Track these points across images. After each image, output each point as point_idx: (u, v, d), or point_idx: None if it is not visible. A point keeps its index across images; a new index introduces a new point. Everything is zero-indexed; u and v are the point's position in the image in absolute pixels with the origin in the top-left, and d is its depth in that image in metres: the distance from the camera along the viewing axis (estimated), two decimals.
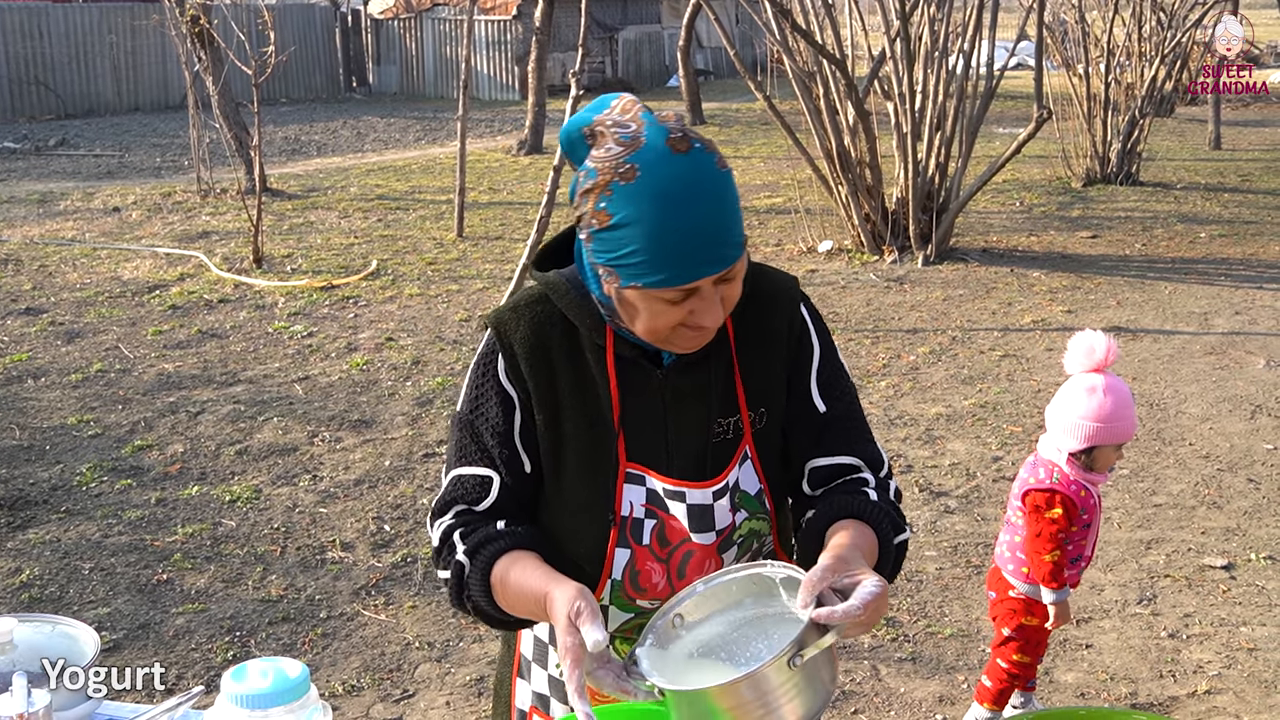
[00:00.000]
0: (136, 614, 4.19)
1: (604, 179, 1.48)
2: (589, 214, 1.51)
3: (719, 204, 1.48)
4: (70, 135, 17.72)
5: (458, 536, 1.67)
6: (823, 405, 1.72)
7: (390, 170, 14.60)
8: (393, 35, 25.86)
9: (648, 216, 1.45)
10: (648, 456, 1.67)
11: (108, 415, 6.16)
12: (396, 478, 5.40)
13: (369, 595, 4.36)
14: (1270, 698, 3.71)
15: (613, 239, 1.49)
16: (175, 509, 5.06)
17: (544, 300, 1.68)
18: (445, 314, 8.11)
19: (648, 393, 1.66)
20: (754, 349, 1.71)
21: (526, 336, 1.66)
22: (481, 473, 1.68)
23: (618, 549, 1.66)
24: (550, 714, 1.79)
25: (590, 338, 1.65)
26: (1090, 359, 3.21)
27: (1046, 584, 3.25)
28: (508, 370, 1.66)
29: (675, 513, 1.67)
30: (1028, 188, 13.23)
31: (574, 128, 1.56)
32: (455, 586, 1.66)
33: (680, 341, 1.58)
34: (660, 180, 1.45)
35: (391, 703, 3.71)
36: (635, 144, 1.47)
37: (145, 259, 9.66)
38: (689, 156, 1.47)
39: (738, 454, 1.69)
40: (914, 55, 9.66)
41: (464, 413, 1.70)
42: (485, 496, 1.69)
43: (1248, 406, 6.34)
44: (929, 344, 7.49)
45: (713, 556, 1.69)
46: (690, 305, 1.52)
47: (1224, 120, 16.84)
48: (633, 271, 1.49)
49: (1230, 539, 4.81)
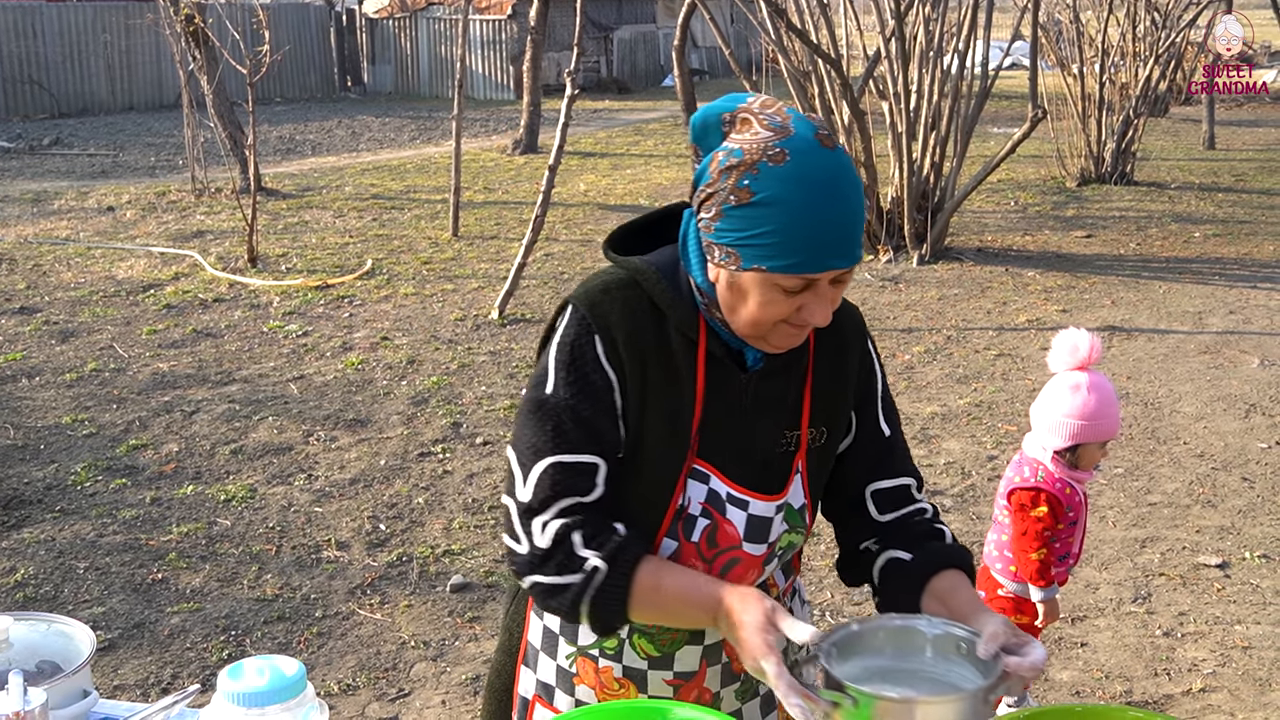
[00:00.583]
0: (131, 613, 4.19)
1: (751, 158, 1.50)
2: (727, 190, 1.51)
3: (855, 203, 1.52)
4: (64, 134, 17.68)
5: (579, 540, 1.59)
6: (887, 430, 1.79)
7: (385, 170, 14.59)
8: (388, 34, 25.84)
9: (793, 200, 1.48)
10: (716, 457, 1.67)
11: (102, 414, 6.15)
12: (392, 477, 5.39)
13: (364, 594, 4.36)
14: (1265, 695, 3.72)
15: (749, 216, 1.50)
16: (170, 508, 5.06)
17: (633, 285, 1.65)
18: (440, 313, 8.11)
19: (730, 394, 1.67)
20: (828, 369, 1.74)
21: (623, 320, 1.62)
22: (586, 460, 1.61)
23: (666, 539, 1.67)
24: (554, 705, 1.79)
25: (681, 329, 1.64)
26: (1074, 357, 3.22)
27: (1034, 582, 3.26)
28: (606, 352, 1.61)
29: (733, 519, 1.67)
30: (1022, 187, 13.24)
31: (711, 112, 1.57)
32: (577, 592, 1.58)
33: (777, 338, 1.59)
34: (809, 168, 1.48)
35: (387, 702, 3.71)
36: (785, 132, 1.50)
37: (140, 258, 9.64)
38: (835, 153, 1.51)
39: (794, 469, 1.72)
40: (909, 55, 9.68)
41: (559, 397, 1.61)
42: (593, 487, 1.62)
43: (1242, 405, 6.36)
44: (924, 343, 7.50)
45: (756, 567, 1.72)
46: (802, 300, 1.54)
47: (1218, 120, 16.87)
48: (761, 253, 1.51)
49: (1225, 537, 4.82)
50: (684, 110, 19.49)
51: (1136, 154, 13.70)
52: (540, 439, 1.61)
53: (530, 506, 1.61)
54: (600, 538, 1.60)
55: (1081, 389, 3.18)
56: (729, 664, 1.81)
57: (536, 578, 1.61)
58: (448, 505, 5.11)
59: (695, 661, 1.78)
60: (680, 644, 1.77)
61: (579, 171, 14.32)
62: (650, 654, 1.77)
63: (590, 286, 1.67)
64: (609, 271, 1.70)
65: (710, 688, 1.79)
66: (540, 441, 1.61)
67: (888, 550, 1.76)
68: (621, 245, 1.72)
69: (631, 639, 1.77)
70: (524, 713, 1.85)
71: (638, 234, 1.74)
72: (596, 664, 1.76)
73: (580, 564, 1.58)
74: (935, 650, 1.55)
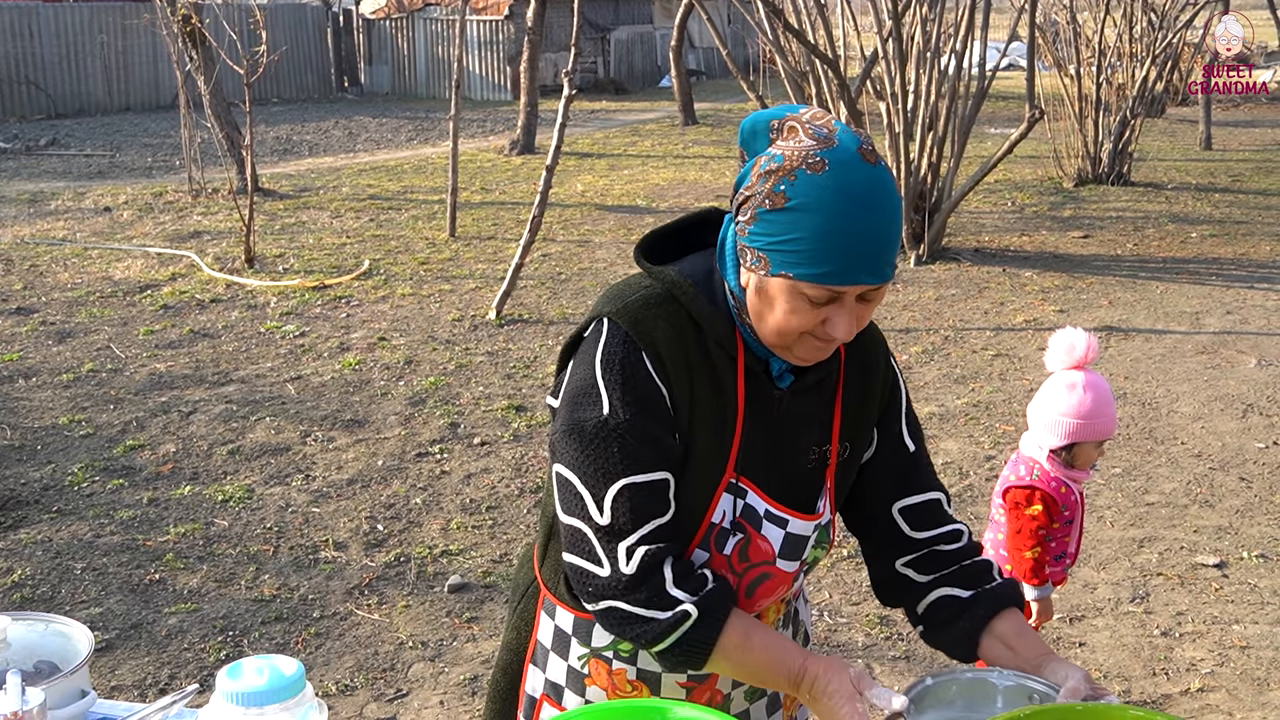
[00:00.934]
0: (129, 614, 4.18)
1: (791, 165, 1.50)
2: (763, 194, 1.51)
3: (891, 220, 1.51)
4: (61, 135, 17.66)
5: (670, 575, 1.57)
6: (912, 445, 1.80)
7: (382, 170, 14.59)
8: (385, 35, 25.83)
9: (827, 209, 1.47)
10: (754, 472, 1.67)
11: (99, 415, 6.14)
12: (389, 477, 5.39)
13: (362, 595, 4.35)
14: (1263, 695, 3.73)
15: (781, 222, 1.50)
16: (167, 509, 5.05)
17: (671, 300, 1.64)
18: (438, 314, 8.10)
19: (766, 409, 1.67)
20: (857, 384, 1.75)
21: (668, 337, 1.61)
22: (658, 477, 1.59)
23: (698, 549, 1.66)
24: (563, 704, 1.79)
25: (720, 344, 1.63)
26: (1070, 356, 3.22)
27: (1027, 580, 3.26)
28: (656, 369, 1.60)
29: (768, 535, 1.67)
30: (1020, 188, 13.25)
31: (760, 119, 1.58)
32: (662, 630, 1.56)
33: (802, 350, 1.59)
34: (847, 180, 1.48)
35: (385, 702, 3.71)
36: (829, 142, 1.50)
37: (137, 259, 9.63)
38: (876, 168, 1.50)
39: (825, 484, 1.73)
40: (906, 55, 9.68)
41: (619, 417, 1.58)
42: (668, 505, 1.61)
43: (1239, 405, 6.36)
44: (921, 343, 7.50)
45: (787, 583, 1.73)
46: (828, 313, 1.53)
47: (1215, 121, 16.88)
48: (790, 259, 1.50)
49: (1222, 537, 4.83)
50: (681, 111, 19.58)
51: (1133, 154, 13.71)
52: (609, 462, 1.58)
53: (612, 530, 1.58)
54: (692, 580, 1.58)
55: (1077, 388, 3.19)
56: None
57: (619, 604, 1.58)
58: (445, 506, 5.11)
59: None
60: None
61: (576, 172, 14.32)
62: None
63: (629, 302, 1.64)
64: (642, 284, 1.67)
65: (722, 690, 1.79)
66: (609, 464, 1.58)
67: (941, 587, 1.76)
68: (652, 251, 1.71)
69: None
70: (530, 711, 1.84)
71: (668, 239, 1.73)
72: (610, 666, 1.75)
73: (671, 603, 1.56)
74: (1007, 702, 1.58)
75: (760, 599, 1.72)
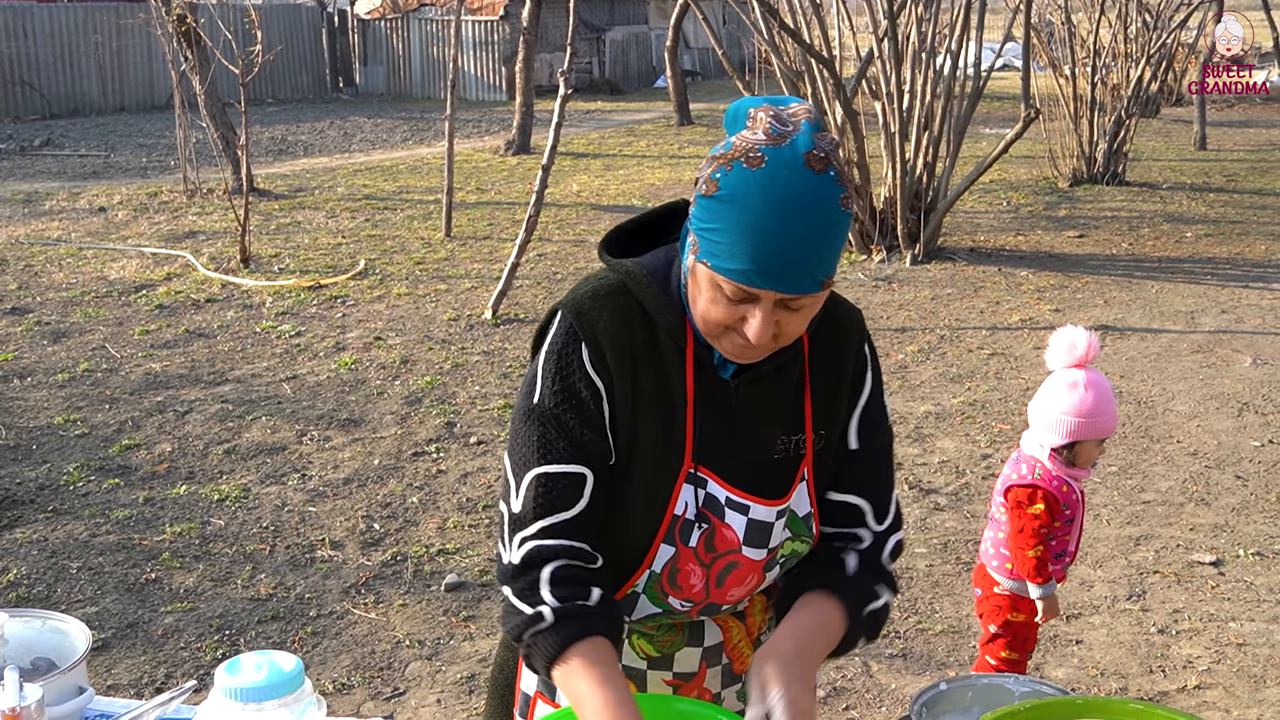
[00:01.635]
0: (125, 613, 4.17)
1: (733, 155, 1.48)
2: (703, 179, 1.51)
3: (817, 231, 1.45)
4: (55, 135, 17.63)
5: (546, 576, 1.58)
6: (855, 443, 1.73)
7: (378, 170, 14.57)
8: (379, 36, 25.81)
9: (749, 206, 1.44)
10: (713, 461, 1.65)
11: (95, 415, 6.13)
12: (386, 476, 5.38)
13: (359, 594, 4.35)
14: (1259, 692, 3.73)
15: (709, 209, 1.49)
16: (163, 508, 5.04)
17: (623, 291, 1.64)
18: (433, 313, 8.09)
19: (719, 400, 1.65)
20: (825, 370, 1.70)
21: (611, 328, 1.61)
22: (572, 470, 1.60)
23: (663, 544, 1.65)
24: (556, 701, 1.78)
25: (670, 335, 1.62)
26: (1071, 355, 3.22)
27: (1031, 579, 3.26)
28: (593, 360, 1.60)
29: (732, 523, 1.66)
30: (1015, 188, 13.26)
31: (744, 105, 1.55)
32: (522, 625, 1.58)
33: (727, 344, 1.56)
34: (777, 182, 1.43)
35: (382, 701, 3.70)
36: (779, 140, 1.46)
37: (132, 259, 9.61)
38: (817, 178, 1.44)
39: (798, 475, 1.69)
40: (902, 54, 9.69)
41: (546, 405, 1.61)
42: (577, 499, 1.60)
43: (1235, 404, 6.37)
44: (917, 342, 7.50)
45: (757, 572, 1.70)
46: (744, 311, 1.50)
47: (1209, 121, 16.91)
48: (710, 249, 1.49)
49: (1219, 535, 4.83)
50: (676, 111, 19.57)
51: (1128, 154, 13.73)
52: (529, 449, 1.62)
53: (518, 518, 1.62)
54: (569, 587, 1.57)
55: (1079, 386, 3.18)
56: (730, 665, 1.80)
57: (506, 590, 1.63)
58: (442, 505, 5.10)
59: (695, 663, 1.78)
60: (680, 645, 1.77)
61: (572, 172, 14.32)
62: (650, 654, 1.77)
63: (579, 293, 1.66)
64: (600, 276, 1.68)
65: (710, 688, 1.78)
66: (529, 452, 1.62)
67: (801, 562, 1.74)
68: (618, 245, 1.70)
69: (631, 639, 1.76)
70: (525, 709, 1.84)
71: (635, 233, 1.72)
72: None
73: (536, 601, 1.57)
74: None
75: (731, 588, 1.70)
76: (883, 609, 1.70)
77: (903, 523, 1.78)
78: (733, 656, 1.80)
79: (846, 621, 1.64)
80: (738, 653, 1.80)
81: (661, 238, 1.71)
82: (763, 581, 1.73)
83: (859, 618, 1.65)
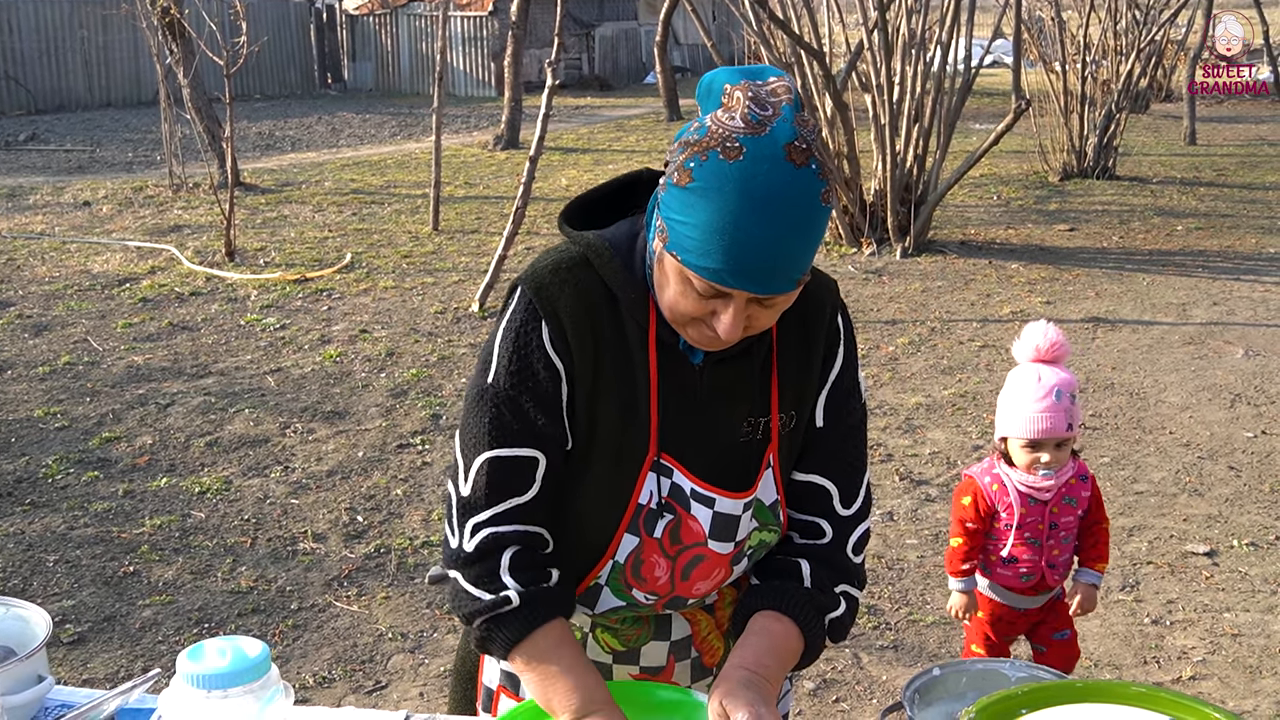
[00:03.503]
0: (102, 606, 4.09)
1: (708, 143, 1.37)
2: (675, 166, 1.41)
3: (797, 231, 1.36)
4: (40, 131, 17.50)
5: (506, 562, 1.53)
6: (821, 421, 1.63)
7: (365, 165, 14.48)
8: (368, 31, 25.70)
9: (725, 202, 1.35)
10: (678, 450, 1.57)
11: (75, 407, 6.04)
12: (370, 469, 5.31)
13: (341, 586, 4.27)
14: (1255, 683, 3.68)
15: (682, 200, 1.39)
16: (143, 501, 4.96)
17: (585, 265, 1.55)
18: (420, 306, 8.02)
19: (683, 382, 1.56)
20: (794, 348, 1.61)
21: (572, 305, 1.52)
22: (525, 454, 1.53)
23: (626, 534, 1.58)
24: (520, 695, 1.72)
25: (632, 313, 1.54)
26: (1029, 349, 3.10)
27: (948, 569, 3.18)
28: (553, 339, 1.52)
29: (698, 515, 1.58)
30: (1005, 182, 13.22)
31: (718, 79, 1.43)
32: (481, 609, 1.53)
33: (694, 334, 1.48)
34: (755, 177, 1.33)
35: (364, 694, 3.63)
36: (759, 128, 1.35)
37: (115, 253, 9.52)
38: (798, 172, 1.34)
39: (764, 461, 1.60)
40: (892, 47, 9.63)
41: (501, 386, 1.53)
42: (530, 484, 1.54)
43: (1227, 395, 6.32)
44: (908, 335, 7.45)
45: (724, 565, 1.63)
46: (715, 305, 1.42)
47: (1199, 117, 16.90)
48: (681, 242, 1.40)
49: (1212, 526, 4.78)
50: (666, 106, 19.50)
51: (1118, 149, 13.71)
52: (480, 430, 1.55)
53: (469, 504, 1.55)
54: (529, 572, 1.54)
55: (1021, 381, 3.06)
56: (699, 658, 1.74)
57: (456, 575, 1.58)
58: (426, 497, 5.03)
59: (662, 657, 1.71)
60: (646, 639, 1.70)
61: (561, 167, 14.24)
62: (615, 648, 1.71)
63: (539, 267, 1.57)
64: (561, 249, 1.59)
65: (679, 682, 1.72)
66: (480, 433, 1.55)
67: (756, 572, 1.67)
68: (579, 217, 1.61)
69: (595, 633, 1.70)
70: (489, 702, 1.78)
71: (597, 206, 1.63)
72: None
73: (499, 587, 1.53)
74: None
75: (696, 581, 1.63)
76: (847, 613, 1.63)
77: (871, 510, 1.70)
78: (702, 650, 1.73)
79: (803, 638, 1.58)
80: (707, 645, 1.74)
81: (625, 209, 1.62)
82: (730, 575, 1.66)
83: (817, 630, 1.59)
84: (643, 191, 1.62)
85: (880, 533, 4.70)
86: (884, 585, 4.29)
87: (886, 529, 4.74)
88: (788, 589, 1.60)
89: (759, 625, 1.57)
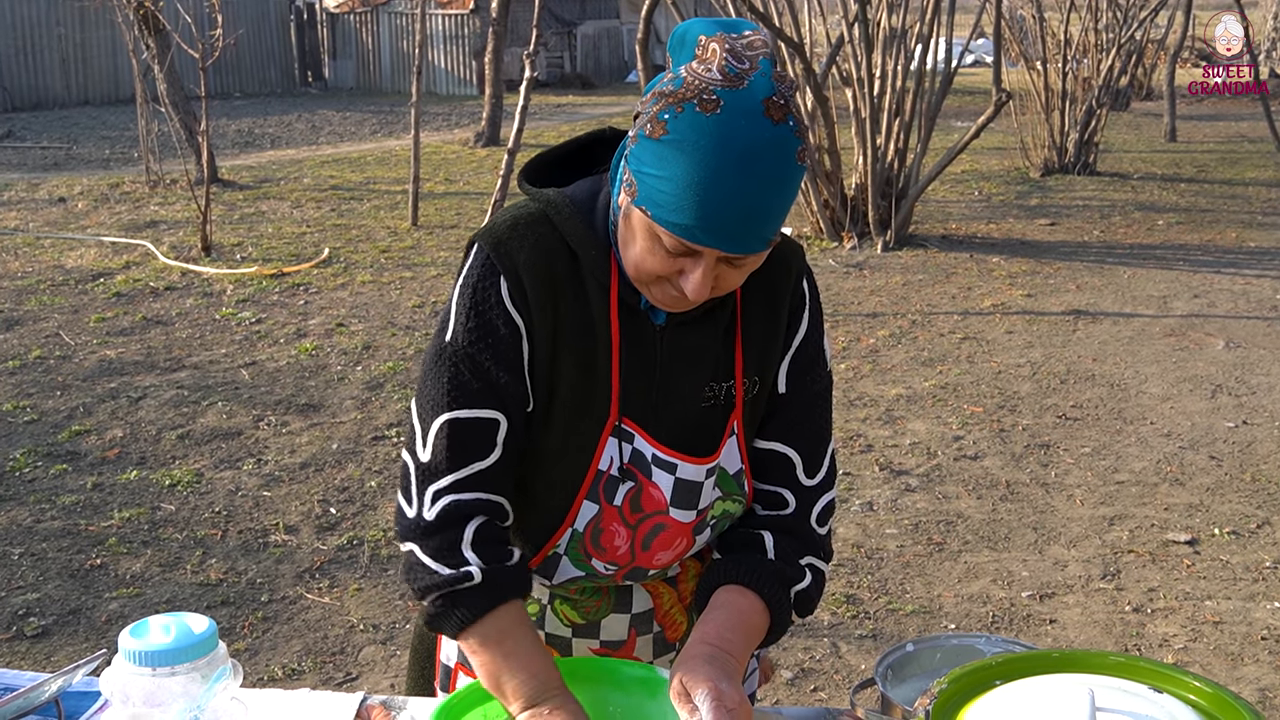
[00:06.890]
0: (67, 599, 4.01)
1: (684, 95, 1.31)
2: (648, 117, 1.35)
3: (773, 188, 1.31)
4: (17, 128, 17.34)
5: (470, 535, 1.46)
6: (784, 387, 1.58)
7: (345, 162, 14.38)
8: (349, 29, 25.57)
9: (701, 157, 1.29)
10: (639, 414, 1.51)
11: (45, 401, 5.95)
12: (344, 461, 5.24)
13: (312, 578, 4.20)
14: (1237, 670, 3.64)
15: (654, 153, 1.33)
16: (112, 494, 4.88)
17: (545, 221, 1.49)
18: (398, 300, 7.94)
19: (644, 344, 1.50)
20: (758, 312, 1.55)
21: (532, 260, 1.46)
22: (486, 415, 1.46)
23: (586, 501, 1.52)
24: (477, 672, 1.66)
25: (593, 271, 1.48)
26: None
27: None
28: (511, 294, 1.46)
29: (659, 482, 1.52)
30: (986, 177, 13.22)
31: (693, 30, 1.36)
32: (439, 584, 1.45)
33: (658, 293, 1.42)
34: (734, 131, 1.29)
35: (334, 686, 3.56)
36: (736, 81, 1.30)
37: (90, 248, 9.41)
38: (776, 128, 1.30)
39: (728, 428, 1.55)
40: (873, 41, 9.61)
41: (459, 344, 1.47)
42: (491, 448, 1.47)
43: (1208, 386, 6.30)
44: (889, 327, 7.41)
45: (686, 535, 1.57)
46: (683, 264, 1.37)
47: (1179, 114, 16.94)
48: (651, 196, 1.34)
49: (1193, 515, 4.75)
50: None
51: (1099, 145, 13.72)
52: (439, 391, 1.48)
53: (429, 469, 1.48)
54: (492, 548, 1.47)
55: None
56: (661, 632, 1.68)
57: (413, 547, 1.48)
58: None
59: (623, 630, 1.66)
60: (606, 611, 1.65)
61: None
62: (574, 621, 1.65)
63: (498, 223, 1.51)
64: (520, 205, 1.53)
65: (641, 657, 1.66)
66: (439, 394, 1.47)
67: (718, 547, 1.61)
68: (540, 176, 1.55)
69: (554, 605, 1.64)
70: (446, 680, 1.72)
71: (559, 165, 1.57)
72: None
73: (460, 562, 1.45)
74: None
75: (657, 551, 1.57)
76: (813, 585, 1.57)
77: (835, 481, 1.64)
78: (664, 624, 1.68)
79: (768, 612, 1.51)
80: (669, 619, 1.68)
81: (588, 169, 1.56)
82: (692, 545, 1.60)
83: (783, 603, 1.53)
84: (604, 152, 1.57)
85: (860, 522, 4.66)
86: (863, 575, 4.25)
87: (866, 519, 4.70)
88: (751, 561, 1.54)
89: (722, 599, 1.51)
